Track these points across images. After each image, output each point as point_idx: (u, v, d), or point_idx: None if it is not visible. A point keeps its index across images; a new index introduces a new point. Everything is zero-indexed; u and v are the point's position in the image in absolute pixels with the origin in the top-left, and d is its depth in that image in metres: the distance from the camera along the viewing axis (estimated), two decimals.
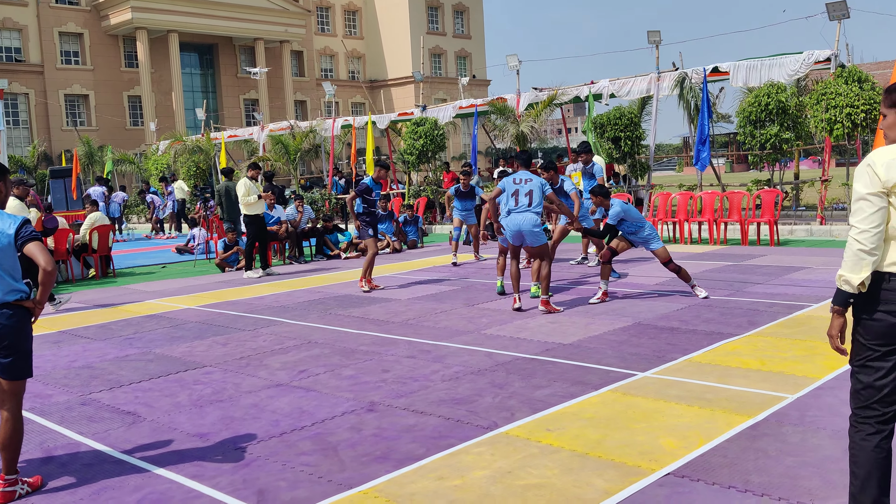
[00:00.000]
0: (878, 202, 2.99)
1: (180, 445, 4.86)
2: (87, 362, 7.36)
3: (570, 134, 27.65)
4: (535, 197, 8.58)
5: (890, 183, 2.97)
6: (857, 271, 3.04)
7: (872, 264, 3.02)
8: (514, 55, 21.14)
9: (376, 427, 5.01)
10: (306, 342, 7.75)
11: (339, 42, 59.25)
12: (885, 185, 2.98)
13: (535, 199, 8.58)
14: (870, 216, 2.99)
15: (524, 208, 8.56)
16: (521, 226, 8.53)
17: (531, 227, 8.52)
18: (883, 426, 3.09)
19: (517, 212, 8.60)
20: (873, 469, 3.07)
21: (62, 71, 45.84)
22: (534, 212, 8.54)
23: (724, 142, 47.94)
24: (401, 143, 24.67)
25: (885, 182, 2.98)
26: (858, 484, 3.10)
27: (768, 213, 14.22)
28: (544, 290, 8.62)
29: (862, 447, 3.09)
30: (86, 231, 14.35)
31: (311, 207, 18.32)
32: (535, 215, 8.53)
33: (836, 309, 3.15)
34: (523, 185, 8.65)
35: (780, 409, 4.92)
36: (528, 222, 8.52)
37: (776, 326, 7.29)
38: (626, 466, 4.15)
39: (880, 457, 3.08)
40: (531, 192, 8.59)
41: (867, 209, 3.00)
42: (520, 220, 8.54)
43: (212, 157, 29.40)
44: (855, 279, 3.05)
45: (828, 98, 14.94)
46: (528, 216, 8.53)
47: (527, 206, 8.56)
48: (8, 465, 4.18)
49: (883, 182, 2.99)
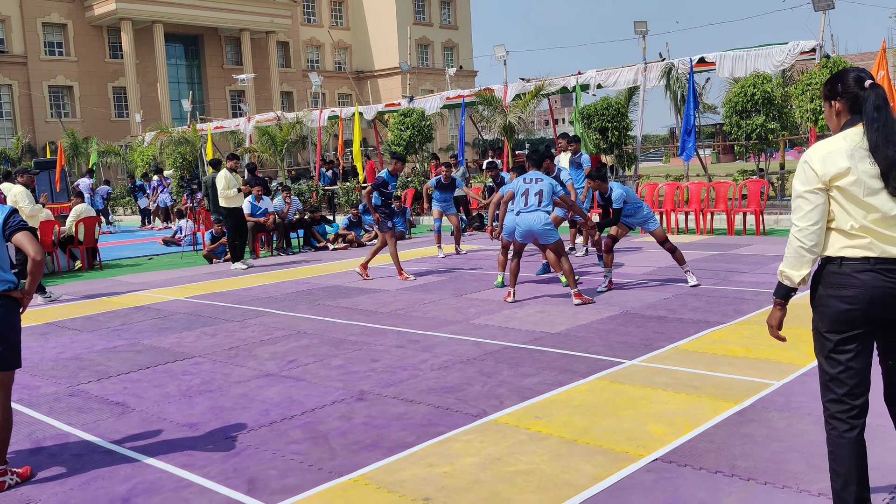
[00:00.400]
0: (815, 199, 2.98)
1: (170, 435, 4.87)
2: (75, 353, 7.34)
3: (557, 125, 27.66)
4: (544, 197, 8.55)
5: (827, 177, 2.95)
6: (798, 268, 3.06)
7: (812, 261, 3.04)
8: (502, 46, 21.14)
9: (366, 415, 5.03)
10: (295, 332, 7.75)
11: (325, 33, 59.00)
12: (822, 179, 2.96)
13: (545, 199, 8.55)
14: (807, 214, 2.99)
15: (533, 208, 8.51)
16: (532, 226, 8.47)
17: (542, 227, 8.47)
18: (855, 420, 3.04)
19: (526, 212, 8.55)
20: (853, 466, 3.03)
21: (46, 62, 45.46)
22: (543, 211, 8.51)
23: (711, 132, 48.15)
24: (388, 135, 24.65)
25: (822, 177, 2.96)
26: (841, 482, 3.07)
27: (754, 203, 14.31)
28: (572, 283, 8.51)
29: (839, 445, 3.05)
30: (72, 223, 14.27)
31: (298, 199, 18.27)
32: (545, 214, 8.50)
33: (777, 302, 3.20)
34: (533, 185, 8.62)
35: (765, 396, 4.98)
36: (538, 222, 8.46)
37: (762, 314, 7.36)
38: (614, 452, 4.19)
39: (859, 453, 3.04)
40: (540, 192, 8.56)
41: (805, 207, 3.00)
42: (531, 220, 8.48)
43: (198, 149, 29.27)
44: (796, 276, 3.07)
45: (813, 88, 15.04)
46: (538, 216, 8.48)
47: (536, 205, 8.51)
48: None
49: (820, 177, 2.97)
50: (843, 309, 2.98)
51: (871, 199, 2.91)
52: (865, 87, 2.99)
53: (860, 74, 3.02)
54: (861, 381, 3.04)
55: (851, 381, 3.03)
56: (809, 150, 3.06)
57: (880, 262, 2.92)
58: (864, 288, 2.93)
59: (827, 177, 2.95)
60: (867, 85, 2.99)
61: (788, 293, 3.15)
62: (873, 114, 2.93)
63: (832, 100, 3.08)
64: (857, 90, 2.99)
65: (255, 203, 15.06)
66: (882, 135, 2.91)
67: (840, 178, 2.93)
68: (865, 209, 2.92)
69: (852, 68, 3.07)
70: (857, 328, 2.99)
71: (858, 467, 3.04)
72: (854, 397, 3.04)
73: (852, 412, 3.04)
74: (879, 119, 2.93)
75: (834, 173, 2.94)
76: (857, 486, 3.04)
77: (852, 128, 2.99)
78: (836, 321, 3.02)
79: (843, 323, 3.00)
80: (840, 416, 3.06)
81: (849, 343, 3.01)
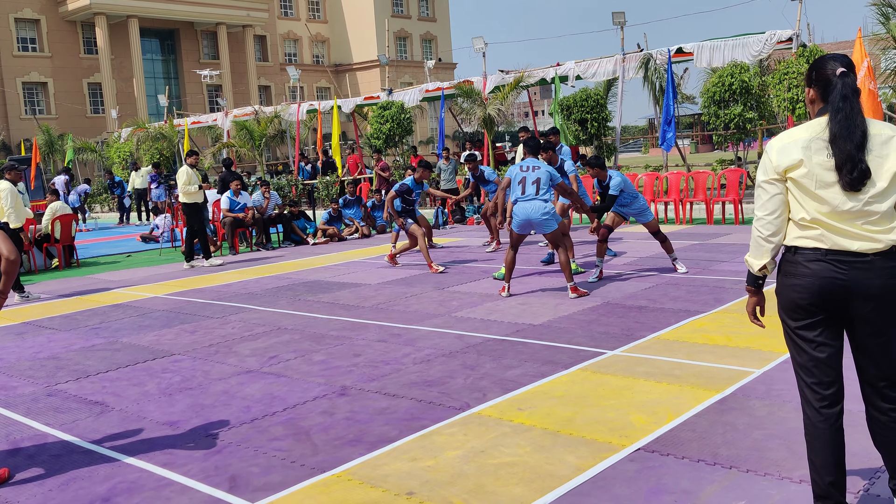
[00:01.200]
0: (772, 189, 2.99)
1: (150, 434, 4.82)
2: (53, 353, 7.25)
3: (536, 116, 27.71)
4: (542, 184, 8.35)
5: (781, 168, 2.96)
6: (758, 257, 3.08)
7: (772, 250, 3.05)
8: (480, 38, 21.12)
9: (348, 411, 5.00)
10: (276, 328, 7.71)
11: (302, 26, 58.66)
12: (777, 170, 2.97)
13: (543, 187, 8.35)
14: (764, 203, 3.01)
15: (531, 196, 8.32)
16: (530, 214, 8.29)
17: (540, 216, 8.27)
18: (827, 410, 3.02)
19: (524, 200, 8.36)
20: (828, 454, 3.03)
21: (19, 58, 44.87)
22: (541, 199, 8.31)
23: (689, 122, 48.39)
24: (367, 128, 24.56)
25: (777, 167, 2.97)
26: (816, 467, 3.07)
27: (733, 193, 14.39)
28: (568, 277, 8.32)
29: (813, 433, 3.05)
30: (48, 221, 14.10)
31: (277, 193, 18.15)
32: (543, 203, 8.29)
33: (748, 289, 3.23)
34: (530, 173, 8.41)
35: (746, 384, 5.00)
36: (536, 210, 8.27)
37: (742, 303, 7.39)
38: (597, 443, 4.19)
39: (834, 440, 3.03)
40: (538, 180, 8.35)
41: (762, 196, 3.03)
42: (528, 209, 8.30)
43: (175, 144, 29.01)
44: (756, 264, 3.10)
45: (790, 77, 15.14)
46: (535, 204, 8.28)
47: (534, 194, 8.32)
48: None
49: (775, 167, 2.98)
50: (794, 297, 2.99)
51: (823, 192, 2.89)
52: (836, 75, 2.93)
53: (835, 62, 2.96)
54: (828, 370, 3.02)
55: (817, 370, 3.02)
56: (772, 140, 3.07)
57: (831, 254, 2.91)
58: (814, 277, 2.93)
59: (781, 167, 2.96)
60: (838, 73, 2.93)
61: (756, 280, 3.17)
62: (839, 104, 2.88)
63: (808, 87, 3.06)
64: (830, 78, 2.94)
65: (234, 198, 14.95)
66: (844, 126, 2.85)
67: (792, 169, 2.94)
68: (817, 201, 2.90)
69: (833, 55, 3.03)
70: (811, 317, 2.99)
71: (834, 454, 3.03)
72: (824, 386, 3.03)
73: (824, 402, 3.03)
74: (843, 109, 2.87)
75: (787, 165, 2.94)
76: (833, 472, 3.03)
77: (821, 117, 2.95)
78: (790, 308, 3.03)
79: (796, 311, 3.01)
80: (813, 403, 3.06)
81: (808, 330, 3.01)
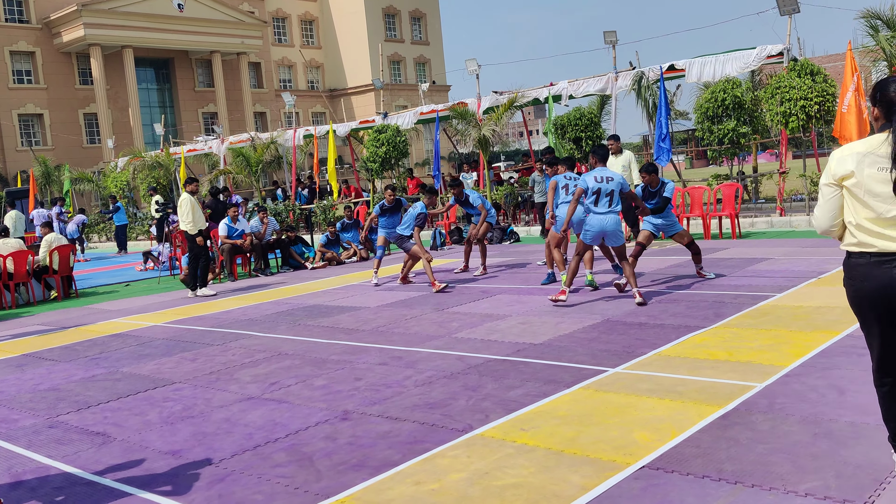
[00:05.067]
0: (829, 192, 3.48)
1: (153, 464, 4.80)
2: (53, 384, 7.22)
3: (531, 136, 27.80)
4: (615, 198, 8.62)
5: (837, 176, 3.42)
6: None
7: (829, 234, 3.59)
8: (473, 60, 21.27)
9: (351, 435, 4.99)
10: (276, 354, 7.69)
11: (296, 52, 59.02)
12: (834, 176, 3.44)
13: (615, 200, 8.61)
14: (822, 204, 3.52)
15: (605, 209, 8.58)
16: (606, 227, 8.56)
17: (614, 228, 8.57)
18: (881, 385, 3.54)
19: (598, 213, 8.61)
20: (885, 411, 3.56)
21: (14, 90, 45.06)
22: (614, 212, 8.58)
23: (683, 138, 48.56)
24: (363, 151, 24.62)
25: (834, 175, 3.44)
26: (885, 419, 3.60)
27: (729, 207, 14.43)
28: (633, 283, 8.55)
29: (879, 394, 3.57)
30: (45, 253, 14.10)
31: (275, 219, 18.18)
32: (616, 216, 8.59)
33: None
34: (605, 185, 8.61)
35: (749, 398, 5.00)
36: (612, 223, 8.57)
37: (742, 317, 7.40)
38: (602, 462, 4.18)
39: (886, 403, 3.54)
40: (612, 193, 8.60)
41: (822, 197, 3.52)
42: (604, 222, 8.58)
43: (172, 172, 29.08)
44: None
45: (782, 91, 15.22)
46: (612, 217, 8.58)
47: (608, 206, 8.58)
48: None
49: (833, 174, 3.45)
50: (851, 295, 3.50)
51: (870, 201, 3.31)
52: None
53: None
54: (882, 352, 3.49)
55: (876, 358, 3.53)
56: (835, 150, 3.54)
57: (876, 256, 3.34)
58: (864, 278, 3.39)
59: (837, 175, 3.43)
60: None
61: None
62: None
63: (873, 105, 3.42)
64: (893, 98, 3.30)
65: (232, 224, 14.96)
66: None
67: (846, 178, 3.39)
68: (866, 208, 3.34)
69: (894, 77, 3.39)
70: (865, 311, 3.45)
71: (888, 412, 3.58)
72: (882, 373, 3.54)
73: (880, 373, 3.56)
74: None
75: (842, 174, 3.40)
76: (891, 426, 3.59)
77: (880, 133, 3.34)
78: (851, 303, 3.53)
79: (855, 305, 3.51)
80: (875, 373, 3.59)
81: (866, 324, 3.49)
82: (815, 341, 6.26)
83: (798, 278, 9.12)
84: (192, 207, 12.73)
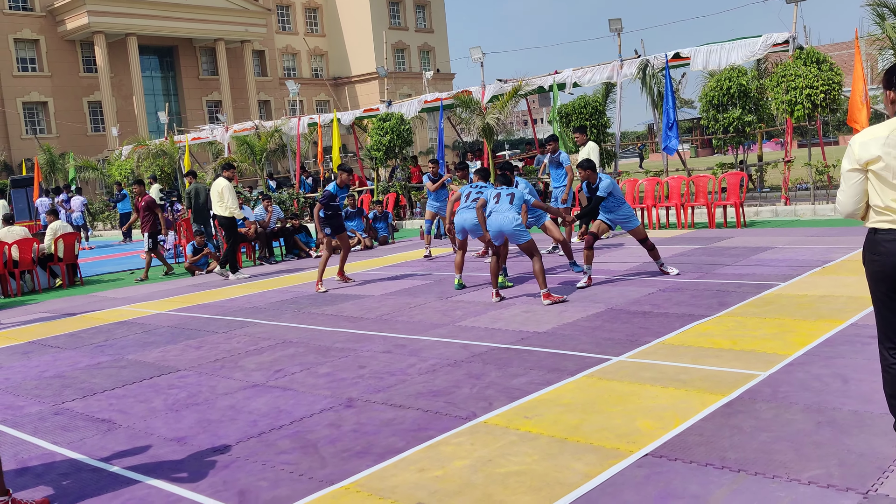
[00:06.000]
0: (854, 177, 3.55)
1: (158, 450, 4.82)
2: (59, 371, 7.26)
3: (535, 124, 27.75)
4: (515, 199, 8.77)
5: (862, 161, 3.47)
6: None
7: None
8: (478, 47, 21.19)
9: (355, 422, 5.01)
10: (281, 342, 7.72)
11: (300, 40, 58.87)
12: (859, 161, 3.49)
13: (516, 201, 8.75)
14: (846, 189, 3.59)
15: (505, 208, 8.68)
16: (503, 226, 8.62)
17: (513, 228, 8.60)
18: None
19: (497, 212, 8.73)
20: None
21: (19, 78, 45.06)
22: (514, 212, 8.64)
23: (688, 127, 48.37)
24: (367, 140, 24.60)
25: (858, 160, 3.49)
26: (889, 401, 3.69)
27: (734, 196, 14.39)
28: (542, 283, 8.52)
29: (887, 380, 3.65)
30: (50, 241, 14.14)
31: (279, 207, 18.19)
32: (515, 215, 8.63)
33: None
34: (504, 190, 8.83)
35: (752, 387, 5.00)
36: (509, 223, 8.61)
37: (746, 306, 7.40)
38: (605, 449, 4.19)
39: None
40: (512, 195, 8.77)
41: (846, 182, 3.59)
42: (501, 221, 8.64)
43: (176, 161, 29.09)
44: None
45: (788, 80, 15.15)
46: (508, 216, 8.62)
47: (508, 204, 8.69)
48: None
49: (857, 159, 3.50)
50: (875, 270, 3.58)
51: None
52: None
53: None
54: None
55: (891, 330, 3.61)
56: (857, 134, 3.57)
57: None
58: (888, 254, 3.48)
59: (862, 160, 3.49)
60: None
61: None
62: None
63: (888, 89, 3.47)
64: None
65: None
66: None
67: (872, 163, 3.45)
68: (894, 190, 3.40)
69: None
70: (886, 284, 3.54)
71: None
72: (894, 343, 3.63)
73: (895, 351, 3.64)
74: None
75: (867, 158, 3.46)
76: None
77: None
78: (871, 278, 3.63)
79: (875, 280, 3.60)
80: (886, 351, 3.66)
81: (885, 296, 3.58)
82: (819, 330, 6.25)
83: (802, 267, 9.11)
84: (226, 193, 13.01)
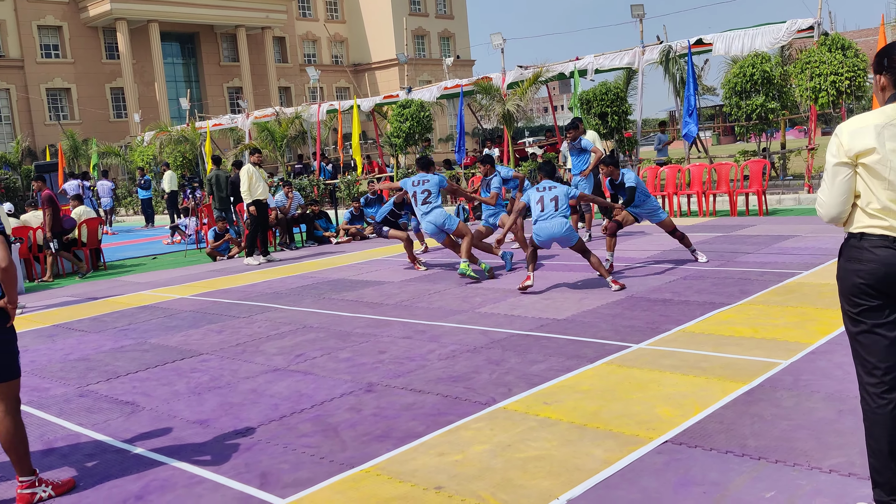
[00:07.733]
0: (842, 172, 2.97)
1: (180, 433, 4.88)
2: (83, 354, 7.35)
3: (556, 111, 27.61)
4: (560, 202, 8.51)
5: (852, 152, 2.93)
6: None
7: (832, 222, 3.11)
8: (499, 34, 21.11)
9: (375, 407, 5.04)
10: (302, 327, 7.77)
11: (321, 27, 58.86)
12: (848, 154, 2.94)
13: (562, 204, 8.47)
14: (832, 186, 3.02)
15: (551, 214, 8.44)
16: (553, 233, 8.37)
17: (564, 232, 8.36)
18: (887, 395, 2.98)
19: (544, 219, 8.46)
20: (886, 442, 2.98)
21: (42, 65, 45.42)
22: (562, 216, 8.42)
23: (711, 114, 47.95)
24: (387, 127, 24.61)
25: (848, 151, 2.94)
26: (876, 457, 3.02)
27: (756, 184, 14.27)
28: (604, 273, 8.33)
29: (872, 419, 3.02)
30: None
31: (299, 193, 18.26)
32: (563, 219, 8.41)
33: None
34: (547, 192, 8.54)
35: (773, 375, 4.98)
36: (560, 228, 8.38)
37: (767, 294, 7.35)
38: (625, 436, 4.20)
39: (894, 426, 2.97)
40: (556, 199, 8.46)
41: (831, 179, 3.02)
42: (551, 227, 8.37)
43: (198, 147, 29.25)
44: None
45: (812, 67, 14.97)
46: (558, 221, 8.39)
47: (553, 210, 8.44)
48: (18, 466, 4.03)
49: (846, 150, 2.95)
50: (857, 281, 2.98)
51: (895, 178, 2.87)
52: None
53: None
54: (887, 355, 2.98)
55: (875, 355, 3.00)
56: (843, 123, 3.01)
57: None
58: (879, 263, 2.91)
59: (852, 152, 2.93)
60: None
61: None
62: None
63: (878, 73, 3.00)
64: None
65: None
66: None
67: (865, 155, 2.91)
68: (891, 189, 2.88)
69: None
70: (871, 301, 2.96)
71: (893, 440, 2.97)
72: (882, 371, 2.99)
73: (882, 386, 3.00)
74: None
75: (859, 150, 2.91)
76: (893, 459, 2.97)
77: (893, 103, 2.91)
78: (852, 293, 3.01)
79: (857, 296, 2.99)
80: (870, 389, 3.03)
81: (867, 316, 2.99)
82: (841, 319, 6.20)
83: (825, 255, 9.03)
84: (251, 178, 13.15)
